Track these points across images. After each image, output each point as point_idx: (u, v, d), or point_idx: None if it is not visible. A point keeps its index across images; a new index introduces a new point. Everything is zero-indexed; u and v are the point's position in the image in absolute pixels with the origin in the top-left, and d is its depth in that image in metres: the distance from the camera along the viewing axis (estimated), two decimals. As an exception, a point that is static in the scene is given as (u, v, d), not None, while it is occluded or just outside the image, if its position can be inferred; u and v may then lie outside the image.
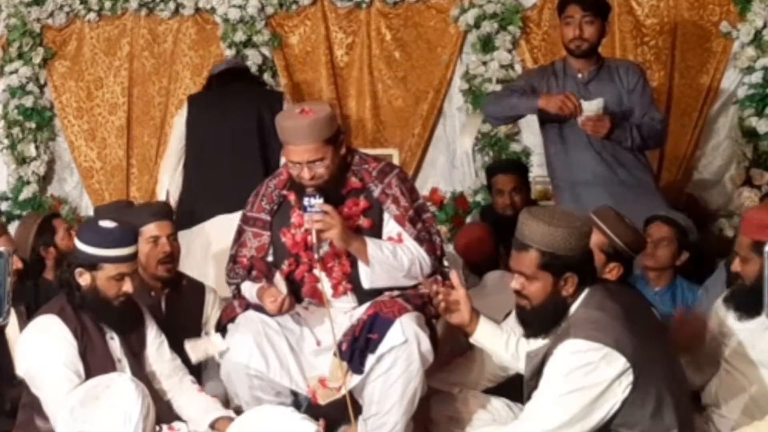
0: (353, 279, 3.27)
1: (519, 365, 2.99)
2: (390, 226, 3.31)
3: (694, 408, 3.00)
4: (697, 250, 3.99)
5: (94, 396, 2.96)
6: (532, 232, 2.67)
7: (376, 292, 3.27)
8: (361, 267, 3.23)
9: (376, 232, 3.30)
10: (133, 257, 3.22)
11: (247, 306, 3.31)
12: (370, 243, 3.22)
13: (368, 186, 3.33)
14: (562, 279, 2.65)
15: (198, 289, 3.90)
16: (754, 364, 3.08)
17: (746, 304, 3.06)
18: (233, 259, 3.45)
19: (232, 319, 3.31)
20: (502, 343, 3.04)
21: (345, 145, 3.33)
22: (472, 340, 3.08)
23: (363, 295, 3.29)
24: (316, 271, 3.25)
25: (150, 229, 3.65)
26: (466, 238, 4.38)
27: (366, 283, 3.24)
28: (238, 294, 3.41)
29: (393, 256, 3.22)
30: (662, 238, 3.77)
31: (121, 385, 2.99)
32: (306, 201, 3.14)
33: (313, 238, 3.16)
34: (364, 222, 3.29)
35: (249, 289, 3.32)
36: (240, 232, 3.47)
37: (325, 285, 3.26)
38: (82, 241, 3.19)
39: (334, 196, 3.22)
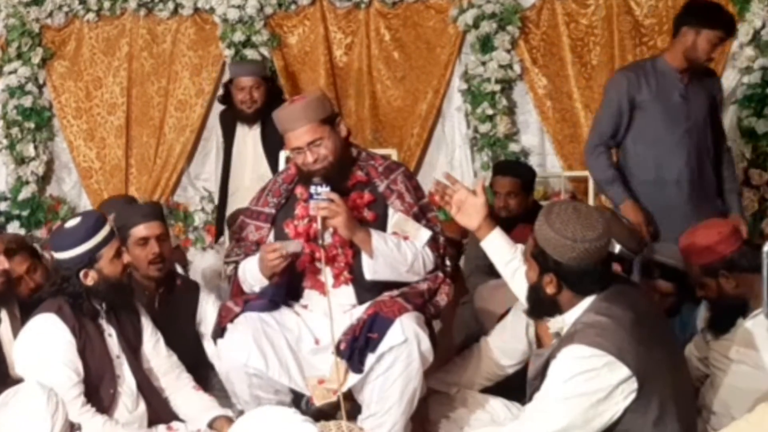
0: (355, 270, 3.28)
1: (512, 285, 3.02)
2: (394, 221, 3.33)
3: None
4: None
5: (4, 402, 2.97)
6: (537, 221, 2.67)
7: (376, 289, 3.27)
8: (364, 258, 3.24)
9: (380, 225, 3.31)
10: (114, 232, 3.27)
11: (244, 303, 3.30)
12: (375, 234, 3.23)
13: (373, 181, 3.36)
14: (546, 275, 2.65)
15: (193, 288, 3.90)
16: (737, 364, 3.14)
17: (717, 322, 3.22)
18: (236, 241, 3.50)
19: (231, 320, 3.31)
20: (504, 260, 3.04)
21: (344, 126, 3.34)
22: (481, 243, 3.10)
23: (363, 289, 3.28)
24: (319, 264, 3.25)
25: (139, 231, 3.65)
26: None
27: (368, 274, 3.24)
28: (234, 274, 3.43)
29: (397, 249, 3.23)
30: (665, 293, 3.68)
31: (28, 389, 2.98)
32: (312, 189, 3.17)
33: (318, 225, 3.18)
34: (367, 214, 3.31)
35: (250, 262, 3.35)
36: (242, 226, 3.50)
37: (327, 275, 3.27)
38: (66, 248, 3.18)
39: (339, 189, 3.23)
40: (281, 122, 3.30)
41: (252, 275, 3.33)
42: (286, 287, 3.31)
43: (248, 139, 5.16)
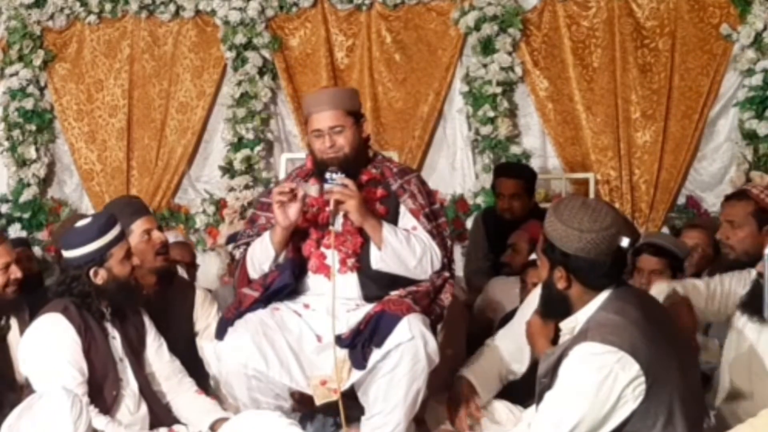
0: (362, 259, 3.29)
1: None
2: (405, 219, 3.35)
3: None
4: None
5: (29, 406, 2.97)
6: (546, 216, 2.68)
7: (381, 283, 3.27)
8: (372, 247, 3.26)
9: (390, 221, 3.33)
10: (124, 233, 3.30)
11: (262, 288, 3.31)
12: (386, 225, 3.26)
13: (387, 179, 3.40)
14: (556, 270, 2.66)
15: (189, 288, 3.90)
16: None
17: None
18: (248, 225, 3.52)
19: (250, 306, 3.30)
20: None
21: (367, 128, 3.40)
22: None
23: (368, 280, 3.29)
24: (326, 249, 3.26)
25: (139, 225, 3.62)
26: None
27: (374, 263, 3.25)
28: (242, 260, 3.44)
29: (406, 242, 3.26)
30: (652, 270, 3.67)
31: (52, 393, 2.98)
32: (327, 175, 3.22)
33: (330, 208, 3.20)
34: (379, 208, 3.34)
35: (259, 238, 3.37)
36: (253, 219, 3.53)
37: (334, 258, 3.28)
38: (77, 246, 3.18)
39: (353, 181, 3.26)
40: (308, 104, 3.40)
41: (263, 249, 3.34)
42: (299, 264, 3.32)
43: None
